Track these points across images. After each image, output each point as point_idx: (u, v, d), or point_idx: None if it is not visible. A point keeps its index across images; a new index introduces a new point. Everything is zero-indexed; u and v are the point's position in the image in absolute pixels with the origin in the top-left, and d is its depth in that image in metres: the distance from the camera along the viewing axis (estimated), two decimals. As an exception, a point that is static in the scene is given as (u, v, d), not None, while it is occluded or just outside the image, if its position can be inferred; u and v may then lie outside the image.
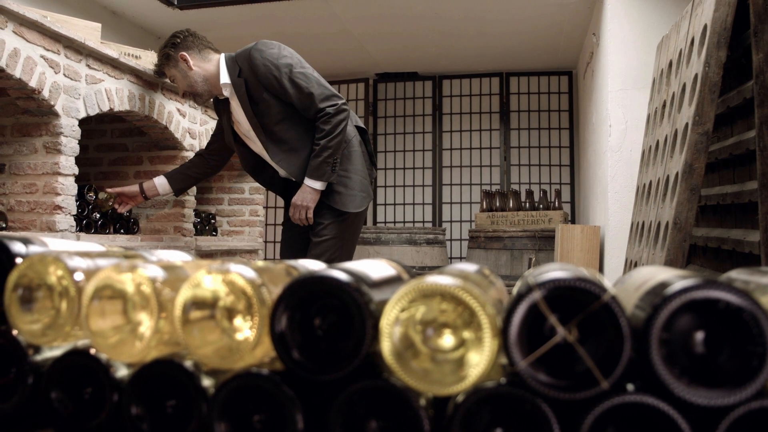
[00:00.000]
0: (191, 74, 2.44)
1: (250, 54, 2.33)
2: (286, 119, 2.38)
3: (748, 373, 0.43)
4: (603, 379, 0.43)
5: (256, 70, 2.31)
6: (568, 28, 4.92)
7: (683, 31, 2.52)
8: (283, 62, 2.31)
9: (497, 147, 6.26)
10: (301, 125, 2.41)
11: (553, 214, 4.97)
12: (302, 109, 2.35)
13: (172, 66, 2.47)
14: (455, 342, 0.47)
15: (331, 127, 2.33)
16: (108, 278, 0.55)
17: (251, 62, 2.32)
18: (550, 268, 0.50)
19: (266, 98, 2.34)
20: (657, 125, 2.76)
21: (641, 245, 2.64)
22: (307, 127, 2.41)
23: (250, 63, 2.33)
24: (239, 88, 2.37)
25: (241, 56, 2.37)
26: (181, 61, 2.44)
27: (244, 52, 2.36)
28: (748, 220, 2.23)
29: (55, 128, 2.42)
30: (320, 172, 2.36)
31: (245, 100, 2.36)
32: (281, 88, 2.31)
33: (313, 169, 2.36)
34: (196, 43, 2.49)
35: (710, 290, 0.43)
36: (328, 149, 2.34)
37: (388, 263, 0.63)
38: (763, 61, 2.04)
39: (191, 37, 2.51)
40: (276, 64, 2.31)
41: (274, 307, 0.49)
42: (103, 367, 0.56)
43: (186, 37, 2.49)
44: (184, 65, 2.44)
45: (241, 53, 2.38)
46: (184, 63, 2.44)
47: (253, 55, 2.32)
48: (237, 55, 2.40)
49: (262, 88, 2.33)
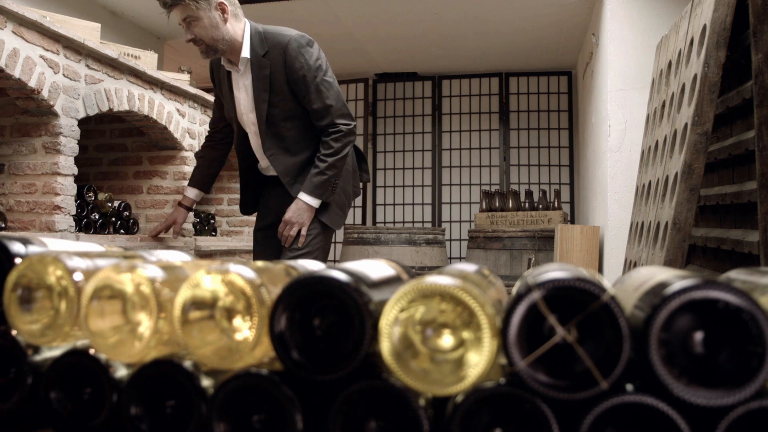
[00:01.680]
0: (222, 28, 2.13)
1: (289, 43, 2.15)
2: (294, 118, 2.25)
3: (747, 374, 0.43)
4: (602, 379, 0.43)
5: (291, 62, 2.15)
6: (568, 28, 4.92)
7: (682, 31, 2.53)
8: (316, 64, 2.18)
9: (497, 147, 6.26)
10: (304, 129, 2.29)
11: (552, 215, 4.97)
12: (316, 116, 2.23)
13: (203, 8, 2.10)
14: (454, 342, 0.47)
15: (341, 146, 2.23)
16: (107, 278, 0.55)
17: (286, 51, 2.15)
18: (550, 269, 0.50)
19: (285, 91, 2.19)
20: (656, 125, 2.76)
21: (641, 245, 2.64)
22: (308, 132, 2.29)
23: (285, 51, 2.15)
24: (260, 69, 2.18)
25: (273, 38, 2.18)
26: (216, 8, 2.12)
27: (279, 36, 2.18)
28: (748, 220, 2.23)
29: (55, 128, 2.42)
30: (321, 191, 2.23)
31: (265, 83, 2.18)
32: (305, 89, 2.18)
33: (314, 185, 2.21)
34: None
35: (709, 290, 0.43)
36: (333, 168, 2.23)
37: (388, 263, 0.63)
38: (762, 61, 2.04)
39: None
40: (310, 65, 2.16)
41: (274, 308, 0.49)
42: (102, 368, 0.56)
43: None
44: (218, 14, 2.12)
45: (275, 35, 2.18)
46: (220, 12, 2.13)
47: (291, 46, 2.15)
48: (267, 33, 2.19)
49: (286, 80, 2.17)
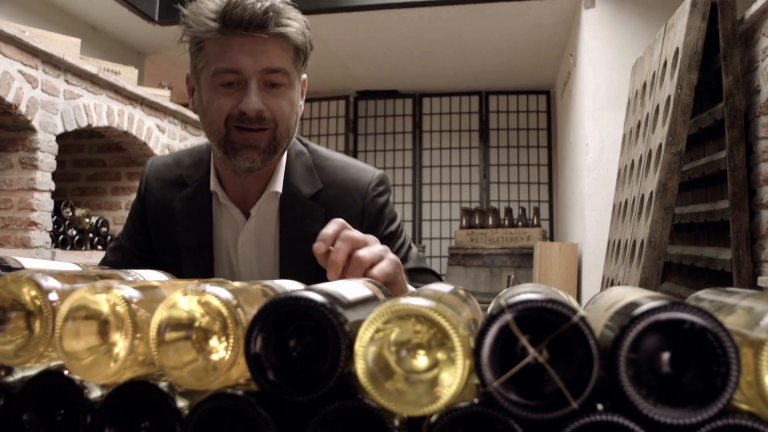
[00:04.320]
0: (295, 118, 1.19)
1: (374, 185, 1.27)
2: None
3: (713, 393, 0.44)
4: (573, 399, 0.44)
5: (370, 217, 1.25)
6: (546, 48, 5.01)
7: (656, 53, 2.59)
8: (393, 215, 1.32)
9: (477, 165, 6.31)
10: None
11: (531, 232, 5.02)
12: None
13: (298, 71, 1.18)
14: (429, 363, 0.47)
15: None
16: (82, 299, 0.55)
17: (368, 198, 1.25)
18: (523, 290, 0.51)
19: None
20: (632, 145, 2.81)
21: (618, 263, 2.67)
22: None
23: (365, 198, 1.25)
24: (298, 217, 1.22)
25: (335, 171, 1.27)
26: (300, 84, 1.22)
27: (350, 169, 1.28)
28: (721, 239, 2.27)
29: (32, 143, 2.40)
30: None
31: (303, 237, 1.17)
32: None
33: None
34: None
35: (675, 311, 0.44)
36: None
37: (364, 284, 0.63)
38: (732, 84, 2.09)
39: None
40: (391, 218, 1.31)
41: (249, 328, 0.49)
42: (76, 389, 0.56)
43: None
44: (299, 93, 1.21)
45: (343, 167, 1.28)
46: (300, 94, 1.22)
47: (379, 191, 1.28)
48: (320, 159, 1.28)
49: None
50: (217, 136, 1.12)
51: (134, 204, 1.33)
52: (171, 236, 1.24)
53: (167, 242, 1.25)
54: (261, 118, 1.09)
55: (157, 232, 1.27)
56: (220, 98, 1.09)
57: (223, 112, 1.09)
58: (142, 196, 1.30)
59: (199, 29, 1.09)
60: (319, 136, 6.51)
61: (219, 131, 1.11)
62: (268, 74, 1.09)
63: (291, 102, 1.14)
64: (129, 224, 1.32)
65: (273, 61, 1.09)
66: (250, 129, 1.10)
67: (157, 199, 1.28)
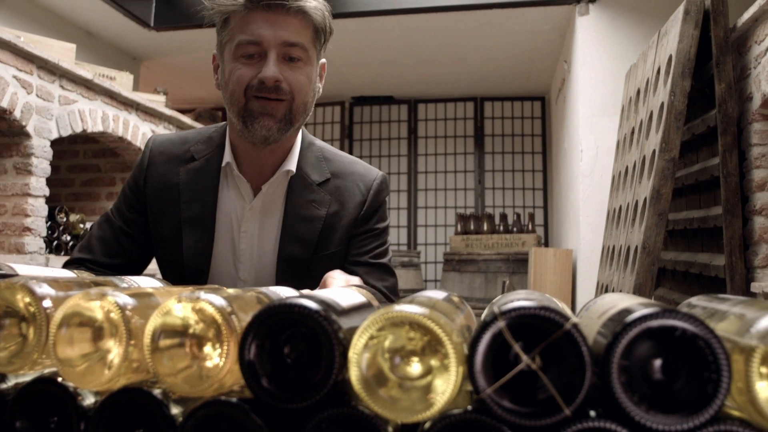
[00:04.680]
0: (312, 96, 1.25)
1: (378, 181, 1.35)
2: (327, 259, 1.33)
3: (704, 399, 0.44)
4: (565, 406, 0.44)
5: (371, 209, 1.33)
6: (541, 55, 5.03)
7: (650, 60, 2.60)
8: (385, 216, 1.41)
9: (472, 170, 6.33)
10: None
11: (526, 238, 5.03)
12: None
13: (316, 50, 1.24)
14: (423, 370, 0.47)
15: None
16: (77, 305, 0.55)
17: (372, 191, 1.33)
18: (516, 297, 0.52)
19: (335, 241, 1.30)
20: (626, 151, 2.82)
21: (612, 269, 2.68)
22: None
23: (369, 191, 1.33)
24: (306, 202, 1.28)
25: (344, 165, 1.34)
26: (319, 68, 1.28)
27: (356, 165, 1.36)
28: (714, 245, 2.28)
29: (26, 149, 2.39)
30: None
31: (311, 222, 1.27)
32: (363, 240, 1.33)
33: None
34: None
35: (666, 318, 0.45)
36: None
37: (358, 291, 0.63)
38: (725, 91, 2.11)
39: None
40: (383, 217, 1.38)
41: (244, 336, 0.49)
42: (70, 396, 0.56)
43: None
44: (317, 75, 1.27)
45: (350, 163, 1.36)
46: (319, 76, 1.29)
47: (382, 187, 1.36)
48: (329, 154, 1.35)
49: (349, 226, 1.30)
50: (237, 104, 1.17)
51: (129, 181, 1.33)
52: (173, 208, 1.26)
53: (167, 214, 1.26)
54: (278, 88, 1.15)
55: (157, 204, 1.28)
56: (241, 68, 1.15)
57: (243, 81, 1.15)
58: (144, 171, 1.30)
59: (225, 3, 1.16)
60: (315, 142, 6.50)
61: (239, 100, 1.16)
62: (287, 47, 1.15)
63: (308, 77, 1.20)
64: (121, 200, 1.32)
65: (292, 35, 1.15)
66: (268, 98, 1.15)
67: (161, 173, 1.29)
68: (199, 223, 1.25)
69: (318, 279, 1.13)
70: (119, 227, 1.29)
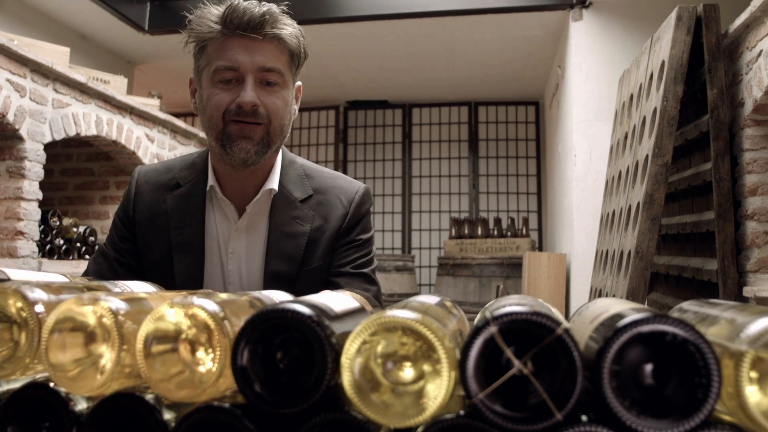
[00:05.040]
0: (288, 118, 1.28)
1: (360, 194, 1.35)
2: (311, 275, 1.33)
3: (694, 404, 0.44)
4: (557, 411, 0.45)
5: (352, 221, 1.33)
6: (535, 60, 5.05)
7: (643, 66, 2.62)
8: (369, 227, 1.40)
9: (466, 175, 6.34)
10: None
11: (520, 242, 5.04)
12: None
13: (292, 73, 1.26)
14: (415, 375, 0.48)
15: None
16: (69, 310, 0.55)
17: (354, 204, 1.34)
18: (508, 302, 0.52)
19: (318, 255, 1.30)
20: (620, 156, 2.84)
21: (605, 273, 2.69)
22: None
23: (351, 204, 1.34)
24: (289, 219, 1.29)
25: (326, 180, 1.36)
26: (295, 90, 1.31)
27: (338, 179, 1.37)
28: (707, 249, 2.30)
29: (19, 152, 2.38)
30: None
31: (295, 239, 1.28)
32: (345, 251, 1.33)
33: None
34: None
35: (657, 324, 0.45)
36: None
37: (352, 295, 0.64)
38: (717, 96, 2.12)
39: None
40: (366, 228, 1.38)
41: (236, 341, 0.49)
42: (62, 401, 0.55)
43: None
44: (293, 98, 1.30)
45: (332, 177, 1.38)
46: (294, 99, 1.32)
47: (365, 199, 1.36)
48: (310, 170, 1.37)
49: (331, 239, 1.31)
50: (215, 129, 1.20)
51: (118, 212, 1.36)
52: (163, 234, 1.28)
53: (157, 241, 1.28)
54: (256, 112, 1.18)
55: (147, 231, 1.30)
56: (218, 93, 1.18)
57: (222, 106, 1.18)
58: (132, 201, 1.33)
59: (202, 31, 1.19)
60: (309, 146, 6.51)
61: (217, 125, 1.19)
62: (264, 72, 1.18)
63: (285, 101, 1.23)
64: (112, 232, 1.35)
65: (268, 60, 1.18)
66: (245, 122, 1.18)
67: (148, 201, 1.31)
68: (189, 247, 1.27)
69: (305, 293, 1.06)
70: (114, 258, 1.31)
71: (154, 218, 1.29)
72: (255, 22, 1.16)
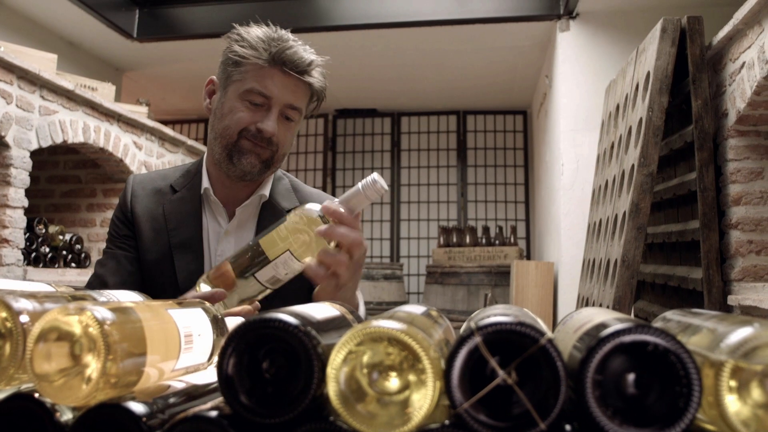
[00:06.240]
0: (292, 142, 1.36)
1: None
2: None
3: (676, 413, 0.45)
4: (541, 420, 0.45)
5: None
6: (522, 70, 5.09)
7: (629, 76, 2.64)
8: None
9: (454, 183, 6.36)
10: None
11: (508, 250, 5.05)
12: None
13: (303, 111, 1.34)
14: (401, 385, 0.48)
15: None
16: (54, 320, 0.55)
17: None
18: (493, 312, 0.52)
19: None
20: (606, 165, 2.86)
21: (592, 281, 2.70)
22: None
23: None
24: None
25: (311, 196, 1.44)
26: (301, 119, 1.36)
27: (322, 196, 1.45)
28: (692, 258, 2.32)
29: (5, 159, 2.37)
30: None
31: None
32: None
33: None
34: None
35: (639, 334, 0.46)
36: None
37: (331, 305, 0.64)
38: (701, 107, 2.15)
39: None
40: None
41: (222, 351, 0.49)
42: (47, 412, 0.55)
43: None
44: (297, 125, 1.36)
45: (317, 194, 1.46)
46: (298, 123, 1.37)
47: None
48: (298, 186, 1.46)
49: None
50: (227, 139, 1.26)
51: (116, 214, 1.39)
52: (161, 235, 1.33)
53: (157, 242, 1.33)
54: (270, 140, 1.26)
55: (145, 233, 1.34)
56: (243, 111, 1.24)
57: (242, 123, 1.24)
58: (128, 203, 1.37)
59: (247, 52, 1.24)
60: (298, 154, 6.51)
61: (231, 136, 1.25)
62: (288, 109, 1.27)
63: (293, 134, 1.34)
64: (112, 233, 1.37)
65: (297, 100, 1.28)
66: (259, 144, 1.26)
67: (145, 204, 1.36)
68: (189, 247, 1.32)
69: (288, 296, 1.16)
70: (121, 254, 1.34)
71: (152, 221, 1.34)
72: (301, 67, 1.25)
